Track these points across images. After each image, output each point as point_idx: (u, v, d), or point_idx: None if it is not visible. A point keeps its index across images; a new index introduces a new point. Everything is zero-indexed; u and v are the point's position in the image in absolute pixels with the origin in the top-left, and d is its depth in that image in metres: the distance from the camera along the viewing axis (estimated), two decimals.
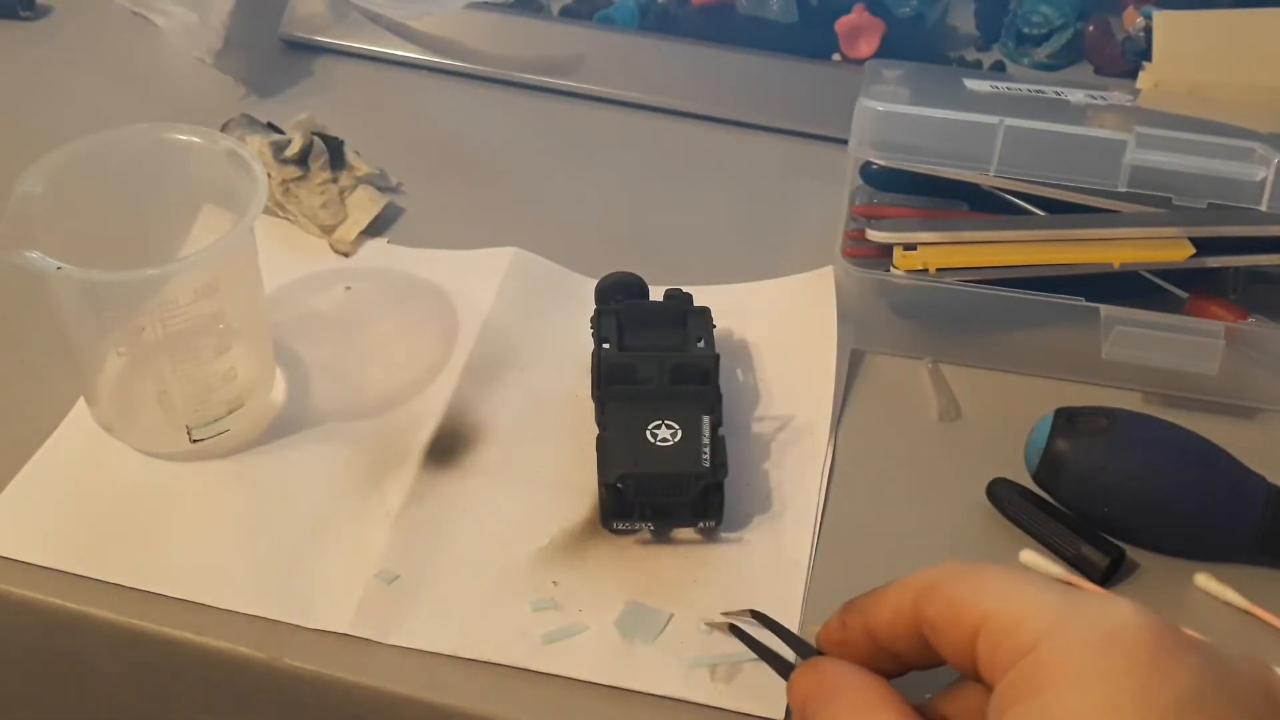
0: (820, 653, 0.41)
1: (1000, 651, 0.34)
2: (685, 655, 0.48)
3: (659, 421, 0.53)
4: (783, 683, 0.46)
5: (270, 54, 0.84)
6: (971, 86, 0.67)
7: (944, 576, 0.36)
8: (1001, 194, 0.64)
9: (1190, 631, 0.33)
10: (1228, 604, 0.52)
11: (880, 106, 0.59)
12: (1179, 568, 0.53)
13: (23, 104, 0.79)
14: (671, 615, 0.50)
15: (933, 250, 0.61)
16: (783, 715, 0.47)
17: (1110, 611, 0.33)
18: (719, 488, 0.52)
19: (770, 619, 0.46)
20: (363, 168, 0.71)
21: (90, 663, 0.52)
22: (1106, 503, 0.53)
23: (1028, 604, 0.34)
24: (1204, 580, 0.52)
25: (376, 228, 0.69)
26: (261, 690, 0.49)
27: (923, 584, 0.37)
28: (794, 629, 0.49)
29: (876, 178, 0.65)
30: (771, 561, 0.52)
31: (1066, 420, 0.54)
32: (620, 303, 0.58)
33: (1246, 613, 0.51)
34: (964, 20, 0.89)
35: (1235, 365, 0.59)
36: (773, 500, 0.55)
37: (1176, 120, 0.67)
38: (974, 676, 0.36)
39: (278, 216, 0.69)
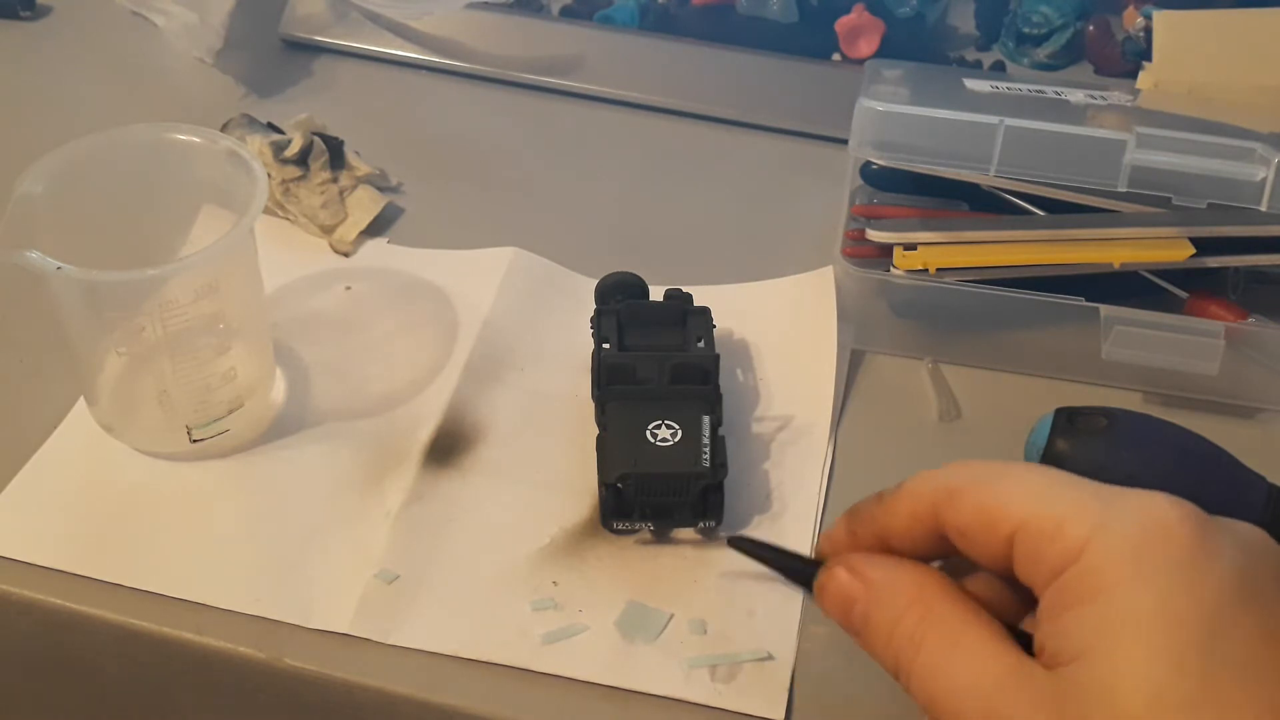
0: None
1: (1043, 558, 0.34)
2: (685, 655, 0.48)
3: (659, 421, 0.53)
4: (783, 681, 0.46)
5: (270, 54, 0.84)
6: (971, 86, 0.67)
7: (966, 483, 0.36)
8: (1001, 194, 0.64)
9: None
10: None
11: (880, 106, 0.59)
12: None
13: (23, 104, 0.79)
14: (672, 615, 0.50)
15: (933, 250, 0.61)
16: (782, 715, 0.47)
17: (1148, 506, 0.34)
18: (719, 488, 0.52)
19: (754, 544, 0.43)
20: (363, 168, 0.71)
21: (90, 663, 0.52)
22: None
23: (1064, 507, 0.34)
24: None
25: (376, 228, 0.69)
26: (261, 690, 0.49)
27: (940, 490, 0.37)
28: (794, 628, 0.49)
29: (876, 178, 0.65)
30: None
31: (1066, 420, 0.54)
32: (620, 303, 0.58)
33: None
34: (964, 20, 0.89)
35: (1235, 365, 0.59)
36: (773, 500, 0.55)
37: (1176, 120, 0.67)
38: (1005, 576, 0.36)
39: (278, 216, 0.69)
